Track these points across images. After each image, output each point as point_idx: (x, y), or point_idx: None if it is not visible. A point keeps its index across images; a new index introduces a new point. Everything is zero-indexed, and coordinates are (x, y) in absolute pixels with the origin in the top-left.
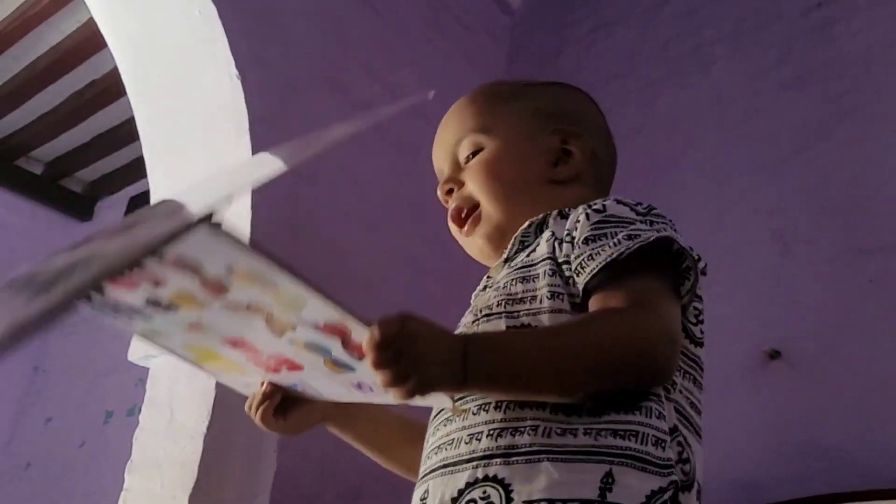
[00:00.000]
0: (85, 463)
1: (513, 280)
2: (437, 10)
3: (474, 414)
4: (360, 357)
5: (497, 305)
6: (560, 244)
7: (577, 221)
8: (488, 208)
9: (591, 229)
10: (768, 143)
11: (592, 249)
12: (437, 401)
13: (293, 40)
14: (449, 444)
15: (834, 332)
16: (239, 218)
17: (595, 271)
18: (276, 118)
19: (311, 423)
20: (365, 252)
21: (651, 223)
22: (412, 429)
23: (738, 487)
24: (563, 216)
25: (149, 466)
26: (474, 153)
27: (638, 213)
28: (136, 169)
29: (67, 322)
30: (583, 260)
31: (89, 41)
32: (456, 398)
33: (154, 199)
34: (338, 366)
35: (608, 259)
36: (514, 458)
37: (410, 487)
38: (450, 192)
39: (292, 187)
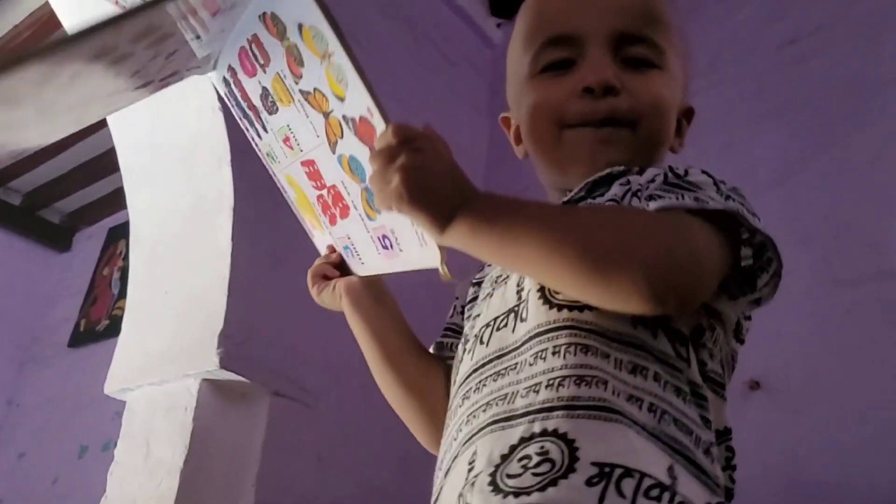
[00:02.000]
0: (58, 499)
1: None
2: (421, 44)
3: (531, 364)
4: None
5: None
6: (628, 193)
7: (652, 181)
8: (647, 134)
9: (662, 187)
10: (746, 175)
11: (654, 192)
12: (424, 256)
13: None
14: (501, 399)
15: (813, 362)
16: (219, 251)
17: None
18: None
19: (336, 298)
20: None
21: (727, 197)
22: (422, 348)
23: None
24: (640, 173)
25: (124, 502)
26: (649, 65)
27: (718, 188)
28: (115, 200)
29: (41, 355)
30: (640, 202)
31: None
32: (444, 260)
33: (133, 231)
34: (370, 203)
35: (663, 205)
36: (580, 412)
37: None
38: (609, 91)
39: (276, 215)
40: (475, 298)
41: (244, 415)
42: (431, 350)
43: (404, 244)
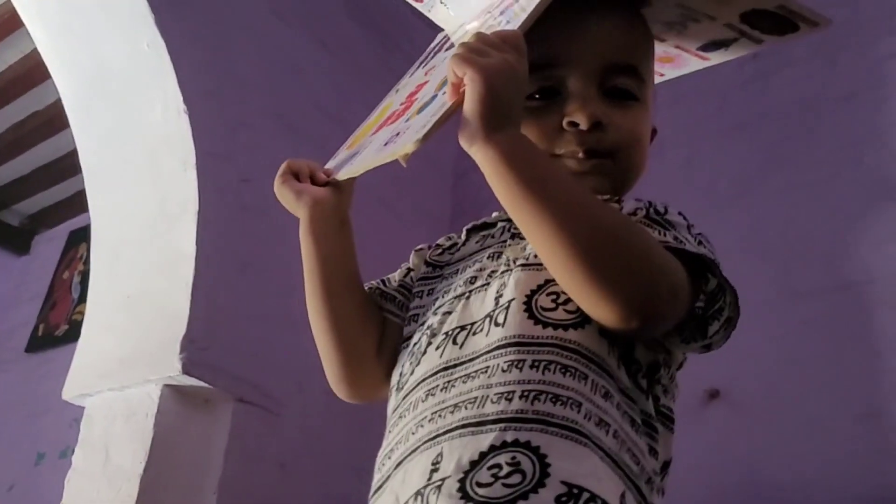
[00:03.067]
0: None
1: None
2: (392, 51)
3: (504, 371)
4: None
5: (535, 256)
6: None
7: (633, 214)
8: (624, 167)
9: (644, 223)
10: (708, 189)
11: None
12: (405, 137)
13: (243, 75)
14: (471, 403)
15: (771, 372)
16: (182, 255)
17: None
18: (224, 153)
19: (295, 201)
20: None
21: (700, 243)
22: (363, 289)
23: None
24: (618, 202)
25: None
26: (630, 96)
27: (690, 231)
28: (77, 203)
29: None
30: None
31: (32, 72)
32: (412, 151)
33: (95, 234)
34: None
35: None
36: (553, 430)
37: None
38: (596, 126)
39: (242, 220)
40: (429, 279)
41: (206, 421)
42: (366, 287)
43: (398, 140)
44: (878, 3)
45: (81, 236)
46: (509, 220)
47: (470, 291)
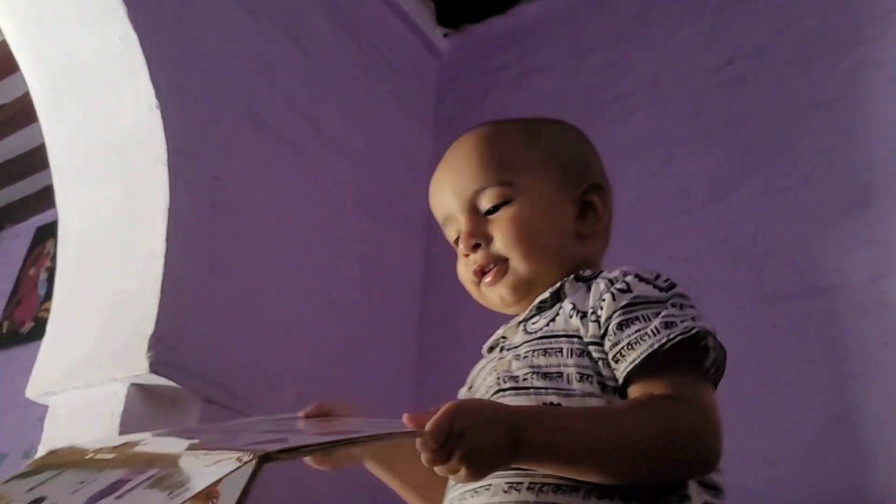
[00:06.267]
0: None
1: (534, 351)
2: (366, 51)
3: (505, 492)
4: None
5: (524, 379)
6: (584, 320)
7: (602, 300)
8: (519, 265)
9: (622, 313)
10: (682, 192)
11: (630, 337)
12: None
13: (216, 72)
14: None
15: (742, 374)
16: (152, 253)
17: (637, 361)
18: (195, 150)
19: (351, 460)
20: (284, 293)
21: (680, 306)
22: None
23: None
24: (580, 279)
25: None
26: (499, 205)
27: (661, 291)
28: (44, 198)
29: None
30: (622, 349)
31: (0, 64)
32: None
33: (62, 230)
34: None
35: (649, 350)
36: None
37: None
38: (476, 246)
39: (210, 218)
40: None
41: (174, 421)
42: None
43: None
44: (848, 14)
45: (49, 232)
46: (504, 337)
47: None
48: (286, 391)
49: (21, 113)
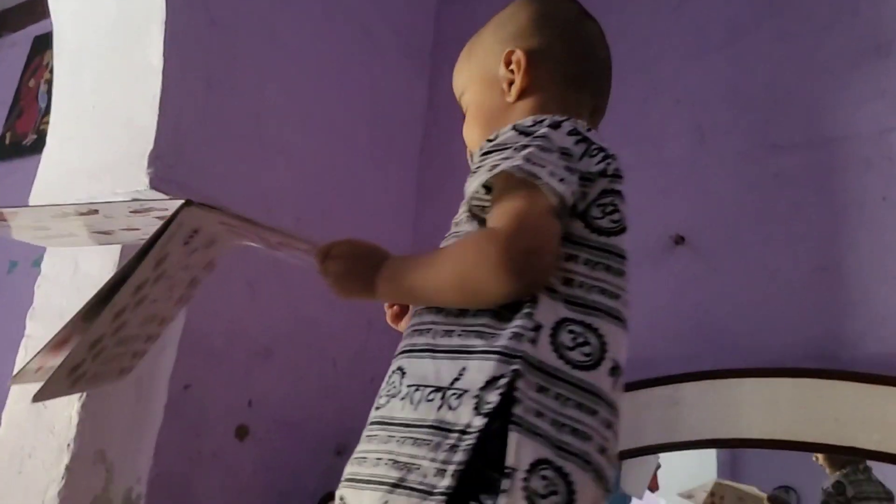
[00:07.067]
0: None
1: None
2: None
3: (417, 314)
4: None
5: (452, 226)
6: (472, 175)
7: (487, 153)
8: (467, 140)
9: (478, 162)
10: (697, 34)
11: (470, 181)
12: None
13: None
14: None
15: (736, 221)
16: (149, 68)
17: (467, 201)
18: None
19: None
20: (283, 116)
21: (523, 146)
22: None
23: (631, 364)
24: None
25: (51, 314)
26: (461, 98)
27: (521, 134)
28: (39, 6)
29: None
30: (466, 191)
31: None
32: None
33: (57, 41)
34: None
35: (470, 190)
36: (413, 354)
37: (318, 346)
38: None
39: (208, 35)
40: None
41: None
42: None
43: None
44: None
45: (46, 43)
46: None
47: None
48: (284, 215)
49: None
